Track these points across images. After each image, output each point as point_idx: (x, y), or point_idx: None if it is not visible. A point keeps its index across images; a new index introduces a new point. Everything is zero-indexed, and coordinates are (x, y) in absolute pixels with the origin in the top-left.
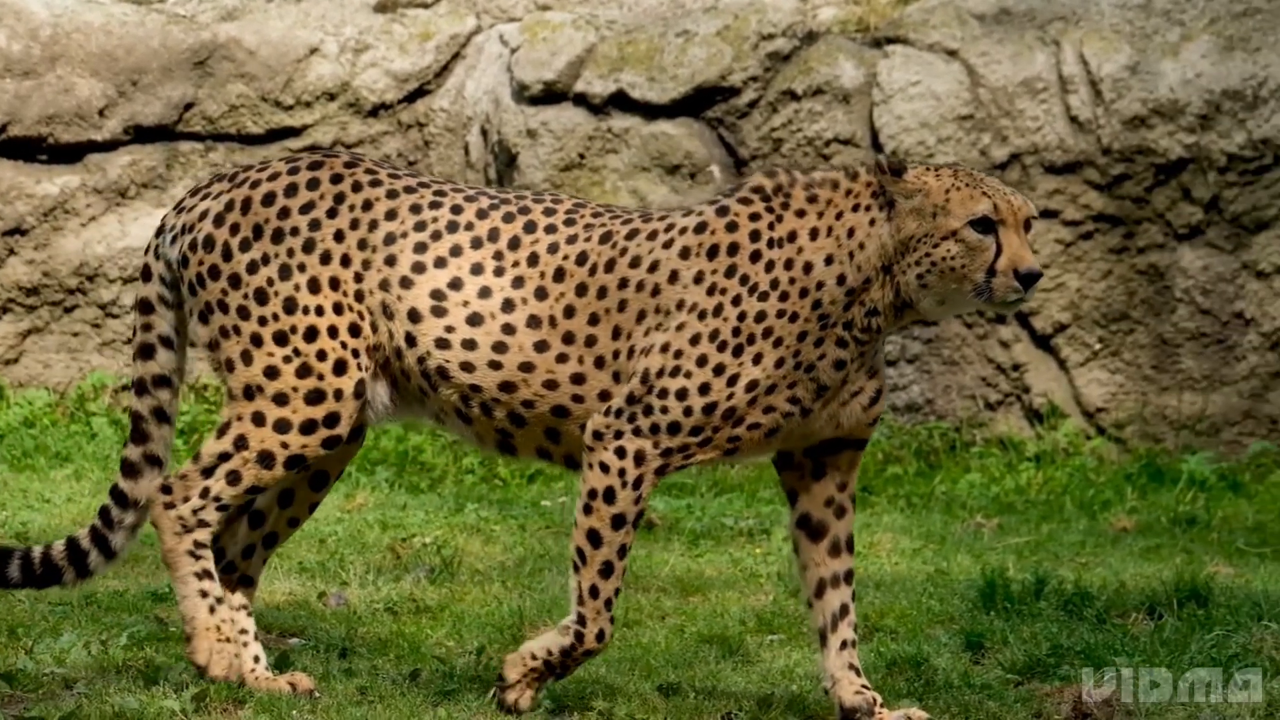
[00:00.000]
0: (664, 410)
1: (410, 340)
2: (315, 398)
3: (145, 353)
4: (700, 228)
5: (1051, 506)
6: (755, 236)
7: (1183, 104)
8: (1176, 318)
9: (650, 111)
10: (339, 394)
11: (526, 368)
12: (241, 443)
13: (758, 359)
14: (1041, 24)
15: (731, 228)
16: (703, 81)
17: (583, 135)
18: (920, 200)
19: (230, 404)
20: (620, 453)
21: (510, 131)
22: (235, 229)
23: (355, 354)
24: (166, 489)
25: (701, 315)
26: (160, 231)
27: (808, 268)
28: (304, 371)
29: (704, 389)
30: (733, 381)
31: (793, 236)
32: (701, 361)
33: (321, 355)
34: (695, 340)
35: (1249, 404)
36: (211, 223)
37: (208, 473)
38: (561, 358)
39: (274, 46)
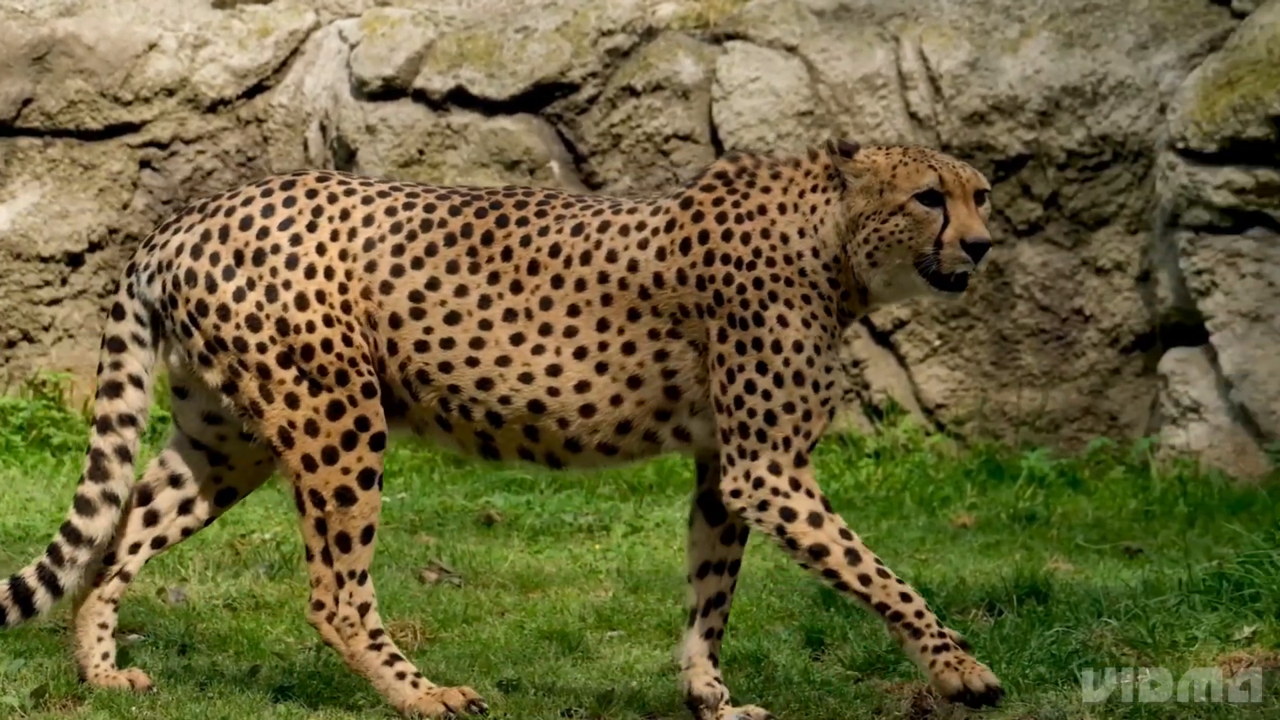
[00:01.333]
0: (751, 414)
1: (392, 347)
2: (335, 411)
3: (112, 390)
4: (670, 225)
5: (891, 503)
6: (722, 218)
7: (1022, 100)
8: (1016, 314)
9: (489, 108)
10: (353, 400)
11: (503, 361)
12: (317, 499)
13: (783, 320)
14: (881, 20)
15: (698, 218)
16: (542, 78)
17: (422, 131)
18: (868, 179)
19: (282, 465)
20: (759, 483)
21: (349, 127)
22: (215, 258)
23: (352, 362)
24: (318, 605)
25: (711, 312)
26: (132, 270)
27: (784, 238)
28: (315, 389)
29: (761, 367)
30: (777, 348)
31: (762, 210)
32: (740, 348)
33: (323, 370)
34: (723, 337)
35: (1088, 400)
36: (190, 256)
37: (326, 557)
38: (538, 349)
39: (113, 42)
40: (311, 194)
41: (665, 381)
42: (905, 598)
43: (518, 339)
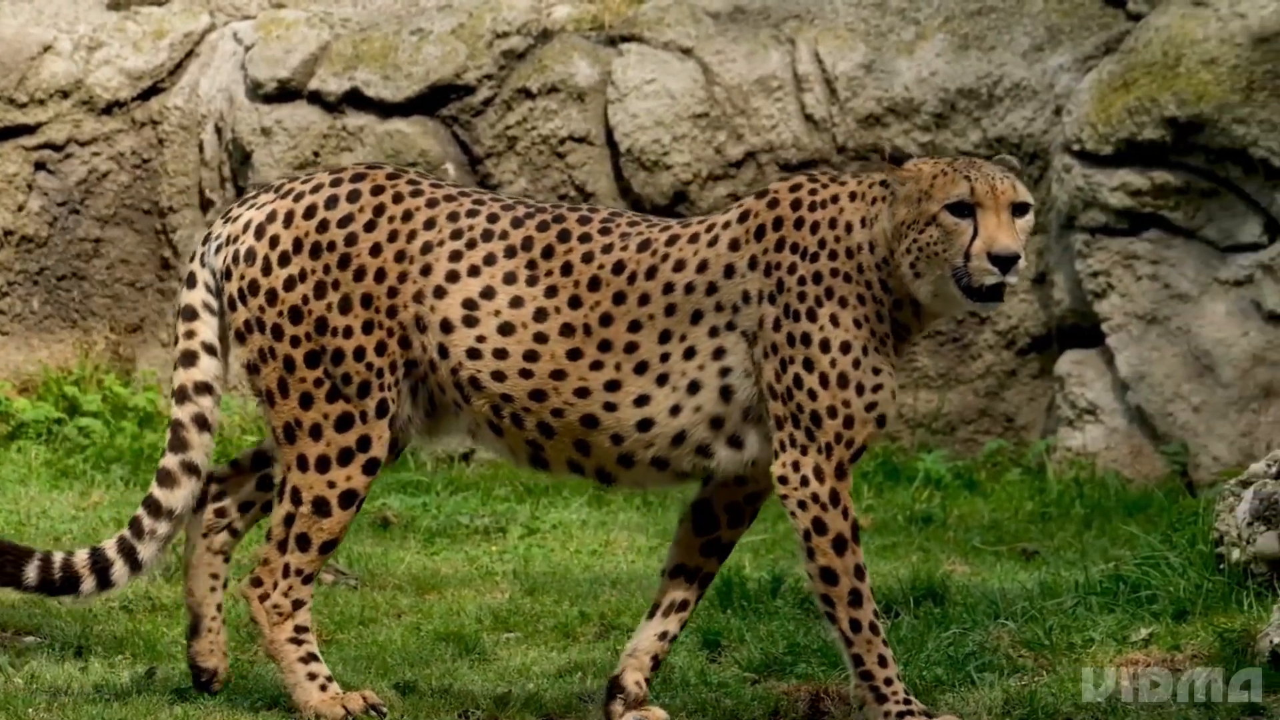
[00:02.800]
0: (800, 409)
1: (443, 351)
2: (344, 423)
3: (188, 359)
4: (744, 216)
5: None
6: (797, 205)
7: (918, 103)
8: None
9: (385, 110)
10: (364, 416)
11: (558, 375)
12: (295, 497)
13: (834, 320)
14: (776, 22)
15: (773, 204)
16: (437, 80)
17: (317, 133)
18: (910, 187)
19: (279, 453)
20: (804, 481)
21: (244, 129)
22: (275, 242)
23: (379, 374)
24: (256, 581)
25: (771, 299)
26: (206, 239)
27: (849, 227)
28: (333, 395)
29: (808, 364)
30: (825, 347)
31: (835, 199)
32: (790, 340)
33: (347, 379)
34: (777, 326)
35: (984, 402)
36: (253, 235)
37: (282, 546)
38: (596, 365)
39: (7, 44)
40: (377, 190)
41: (721, 380)
42: (882, 662)
43: (574, 354)
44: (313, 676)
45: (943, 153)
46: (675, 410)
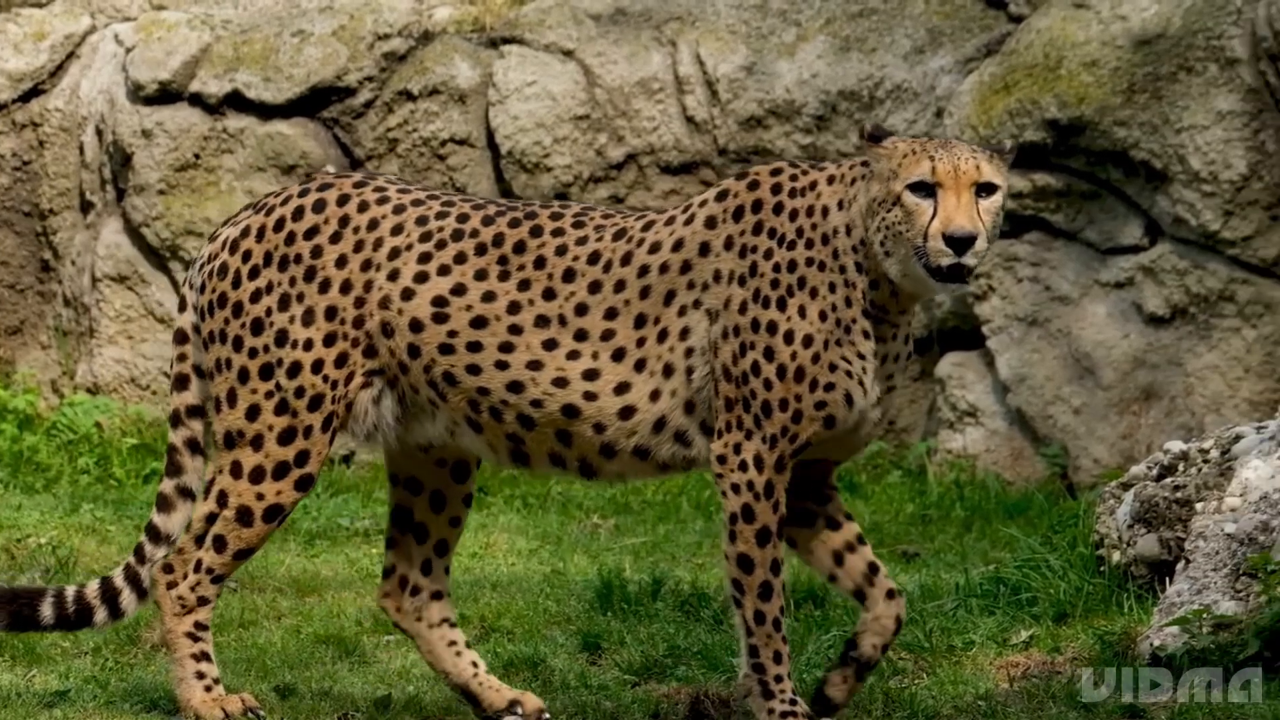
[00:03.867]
0: (752, 395)
1: (413, 351)
2: (287, 436)
3: (180, 383)
4: (722, 195)
5: (668, 507)
6: (777, 189)
7: (799, 105)
8: None
9: (266, 111)
10: (308, 431)
11: (535, 366)
12: (221, 499)
13: (802, 311)
14: (658, 24)
15: (753, 186)
16: (318, 81)
17: (198, 135)
18: (883, 164)
19: (215, 456)
20: (743, 466)
21: (125, 131)
22: (247, 256)
23: (334, 385)
24: (168, 568)
25: (741, 281)
26: (193, 263)
27: (825, 211)
28: (281, 408)
29: (768, 353)
30: (789, 339)
31: (813, 185)
32: (755, 326)
33: (300, 391)
34: (743, 308)
35: None
36: (228, 250)
37: (200, 541)
38: (573, 355)
39: None
40: (342, 200)
41: (686, 361)
42: (778, 659)
43: (550, 344)
44: (200, 675)
45: (823, 155)
46: (655, 395)
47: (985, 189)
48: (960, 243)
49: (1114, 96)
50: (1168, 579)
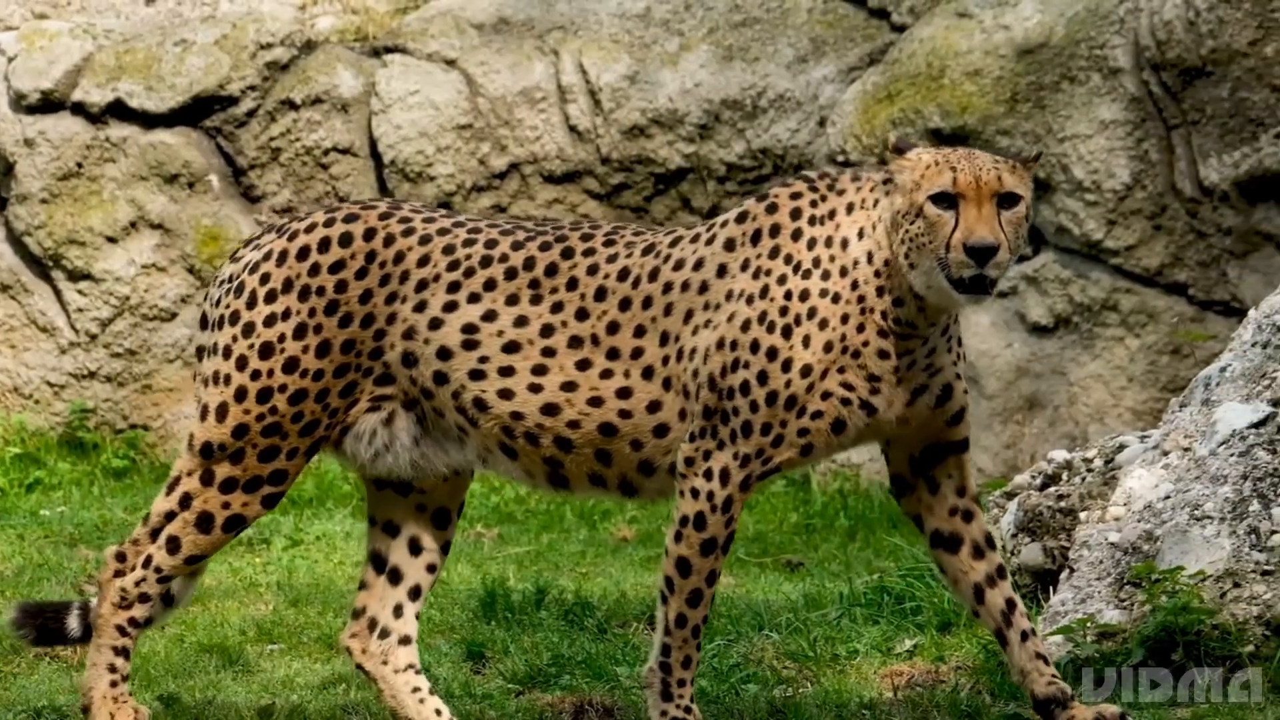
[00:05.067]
0: (734, 411)
1: (440, 378)
2: (270, 454)
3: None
4: (742, 217)
5: (552, 516)
6: (796, 214)
7: (682, 114)
8: None
9: (148, 120)
10: (293, 452)
11: (569, 387)
12: (185, 501)
13: (806, 342)
14: (540, 34)
15: (772, 209)
16: (201, 90)
17: (80, 144)
18: (907, 176)
19: (186, 456)
20: (708, 475)
21: (7, 140)
22: (265, 279)
23: (333, 413)
24: (120, 556)
25: (750, 300)
26: (214, 279)
27: (844, 243)
28: (271, 430)
29: (762, 377)
30: (787, 366)
31: (832, 214)
32: (754, 348)
33: (297, 417)
34: (746, 327)
35: None
36: (248, 271)
37: (154, 536)
38: (606, 374)
39: None
40: (369, 234)
41: (695, 381)
42: (686, 663)
43: (583, 365)
44: (112, 669)
45: (706, 164)
46: (682, 415)
47: (1007, 199)
48: (982, 254)
49: (997, 106)
50: (1052, 588)
